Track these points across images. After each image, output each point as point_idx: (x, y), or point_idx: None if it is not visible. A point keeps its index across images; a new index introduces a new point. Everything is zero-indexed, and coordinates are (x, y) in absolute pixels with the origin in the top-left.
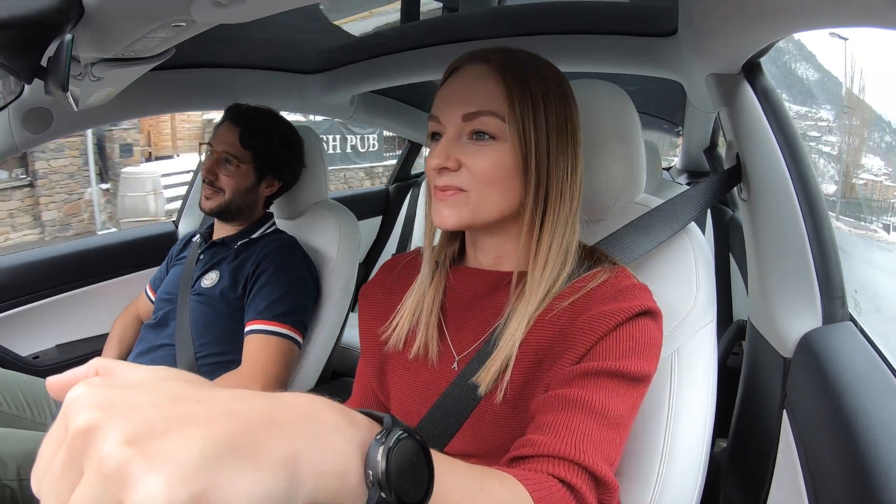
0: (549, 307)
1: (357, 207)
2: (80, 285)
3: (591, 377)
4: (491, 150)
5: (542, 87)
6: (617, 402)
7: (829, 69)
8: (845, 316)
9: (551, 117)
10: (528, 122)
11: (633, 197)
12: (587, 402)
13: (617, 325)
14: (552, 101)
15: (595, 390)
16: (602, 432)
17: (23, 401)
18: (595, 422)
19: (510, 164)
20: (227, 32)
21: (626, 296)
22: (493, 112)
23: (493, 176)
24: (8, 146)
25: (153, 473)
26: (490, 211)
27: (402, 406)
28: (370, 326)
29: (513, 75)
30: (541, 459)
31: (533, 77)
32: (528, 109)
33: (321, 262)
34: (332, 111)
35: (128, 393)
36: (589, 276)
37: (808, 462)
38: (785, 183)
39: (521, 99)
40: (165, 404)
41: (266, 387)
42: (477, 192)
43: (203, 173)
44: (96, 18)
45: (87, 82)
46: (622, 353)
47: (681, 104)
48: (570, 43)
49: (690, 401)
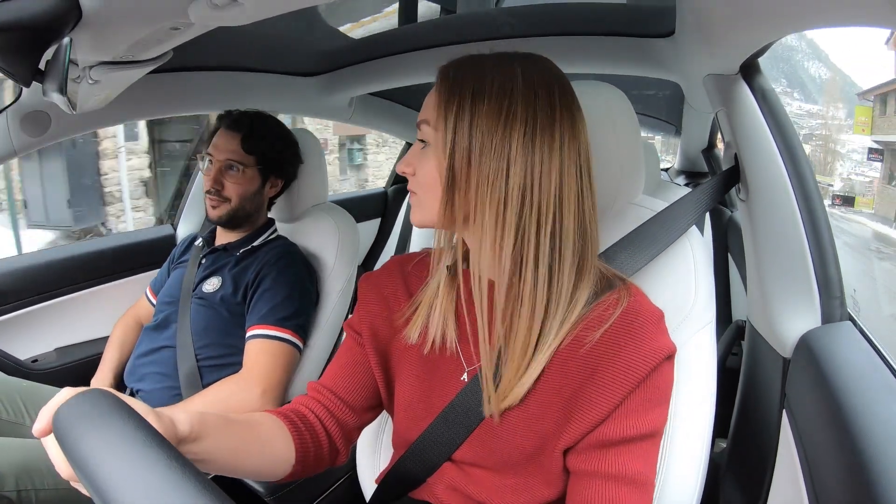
0: (576, 339)
1: (355, 210)
2: (80, 288)
3: (621, 446)
4: (426, 155)
5: (476, 89)
6: (648, 464)
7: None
8: (844, 316)
9: (481, 117)
10: (450, 125)
11: (631, 198)
12: (624, 474)
13: (643, 379)
14: (487, 102)
15: (628, 460)
16: (642, 499)
17: (22, 407)
18: (635, 491)
19: (439, 169)
20: (225, 35)
21: (646, 333)
22: (425, 120)
23: (428, 181)
24: (6, 150)
25: None
26: (434, 214)
27: (407, 411)
28: (374, 315)
29: (446, 81)
30: None
31: (474, 79)
32: (451, 113)
33: (320, 265)
34: (331, 113)
35: None
36: (610, 302)
37: (808, 462)
38: (783, 183)
39: (447, 103)
40: None
41: (266, 391)
42: (423, 196)
43: (209, 184)
44: (94, 21)
45: (86, 85)
46: (647, 409)
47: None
48: (567, 44)
49: (690, 401)
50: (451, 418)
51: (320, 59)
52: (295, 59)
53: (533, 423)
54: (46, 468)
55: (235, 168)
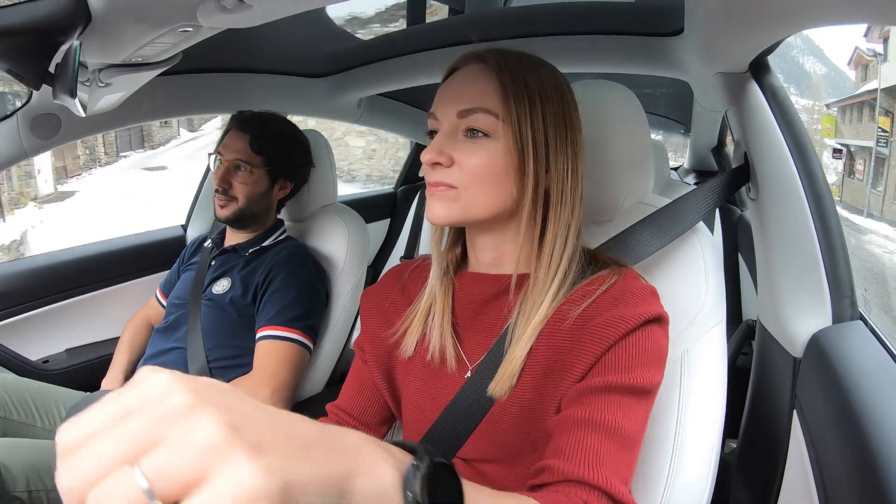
0: (560, 313)
1: (365, 210)
2: (90, 290)
3: (601, 394)
4: (483, 147)
5: (539, 87)
6: (629, 419)
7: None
8: (855, 315)
9: (549, 117)
10: (525, 120)
11: (641, 197)
12: (600, 421)
13: (625, 334)
14: (550, 102)
15: (606, 408)
16: (617, 453)
17: (33, 408)
18: (610, 441)
19: (503, 163)
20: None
21: (633, 300)
22: (486, 109)
23: (484, 174)
24: (17, 152)
25: (254, 459)
26: (480, 209)
27: (415, 411)
28: (375, 330)
29: (509, 74)
30: (560, 485)
31: (530, 77)
32: (524, 108)
33: (330, 266)
34: (340, 114)
35: (216, 393)
36: (597, 279)
37: (819, 462)
38: (793, 182)
39: (517, 97)
40: (255, 407)
41: (275, 391)
42: (467, 190)
43: (216, 183)
44: (104, 24)
45: (95, 88)
46: (630, 365)
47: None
48: (576, 44)
49: (700, 401)
50: (457, 412)
51: (329, 61)
52: (304, 60)
53: (532, 406)
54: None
55: (243, 168)
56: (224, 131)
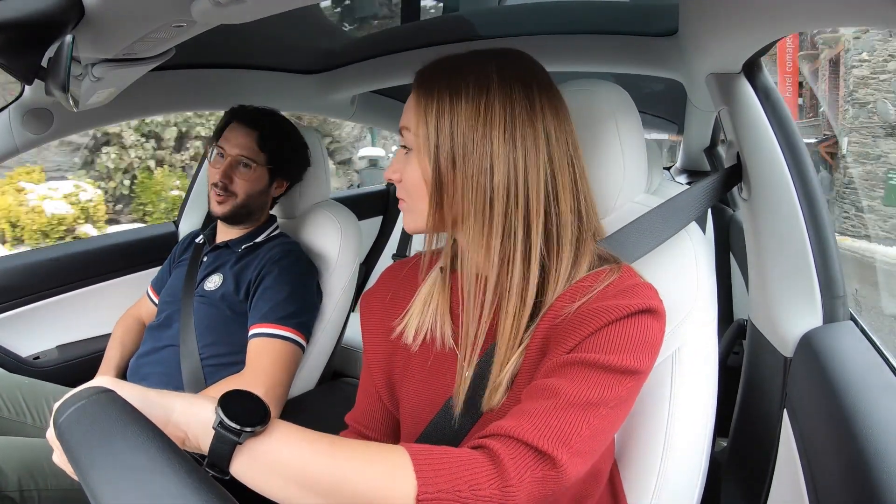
0: (555, 309)
1: (357, 208)
2: (81, 285)
3: (572, 367)
4: (409, 161)
5: (452, 89)
6: (592, 390)
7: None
8: (846, 315)
9: (460, 118)
10: (431, 128)
11: (633, 196)
12: (558, 390)
13: (613, 321)
14: (465, 101)
15: (572, 380)
16: (559, 413)
17: (23, 405)
18: (556, 406)
19: (423, 173)
20: (228, 33)
21: (629, 293)
22: (405, 126)
23: (414, 185)
24: (8, 147)
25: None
26: (427, 218)
27: (412, 415)
28: (376, 334)
29: (424, 85)
30: (483, 439)
31: (444, 81)
32: (431, 116)
33: (322, 263)
34: (333, 111)
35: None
36: (594, 276)
37: (809, 461)
38: (785, 182)
39: (426, 107)
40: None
41: (269, 389)
42: (410, 201)
43: (217, 177)
44: (97, 19)
45: (88, 83)
46: (612, 348)
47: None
48: (570, 43)
49: (691, 400)
50: (453, 412)
51: (322, 57)
52: (296, 56)
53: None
54: (49, 468)
55: (247, 165)
56: (221, 124)
